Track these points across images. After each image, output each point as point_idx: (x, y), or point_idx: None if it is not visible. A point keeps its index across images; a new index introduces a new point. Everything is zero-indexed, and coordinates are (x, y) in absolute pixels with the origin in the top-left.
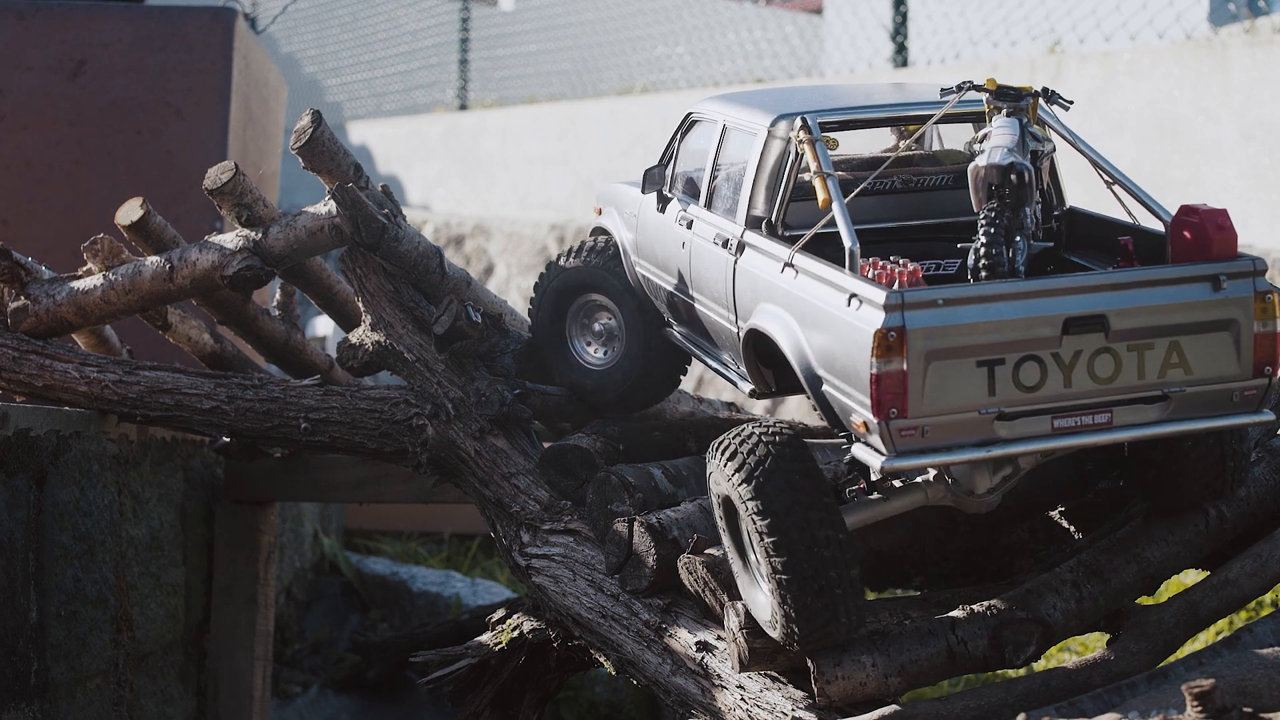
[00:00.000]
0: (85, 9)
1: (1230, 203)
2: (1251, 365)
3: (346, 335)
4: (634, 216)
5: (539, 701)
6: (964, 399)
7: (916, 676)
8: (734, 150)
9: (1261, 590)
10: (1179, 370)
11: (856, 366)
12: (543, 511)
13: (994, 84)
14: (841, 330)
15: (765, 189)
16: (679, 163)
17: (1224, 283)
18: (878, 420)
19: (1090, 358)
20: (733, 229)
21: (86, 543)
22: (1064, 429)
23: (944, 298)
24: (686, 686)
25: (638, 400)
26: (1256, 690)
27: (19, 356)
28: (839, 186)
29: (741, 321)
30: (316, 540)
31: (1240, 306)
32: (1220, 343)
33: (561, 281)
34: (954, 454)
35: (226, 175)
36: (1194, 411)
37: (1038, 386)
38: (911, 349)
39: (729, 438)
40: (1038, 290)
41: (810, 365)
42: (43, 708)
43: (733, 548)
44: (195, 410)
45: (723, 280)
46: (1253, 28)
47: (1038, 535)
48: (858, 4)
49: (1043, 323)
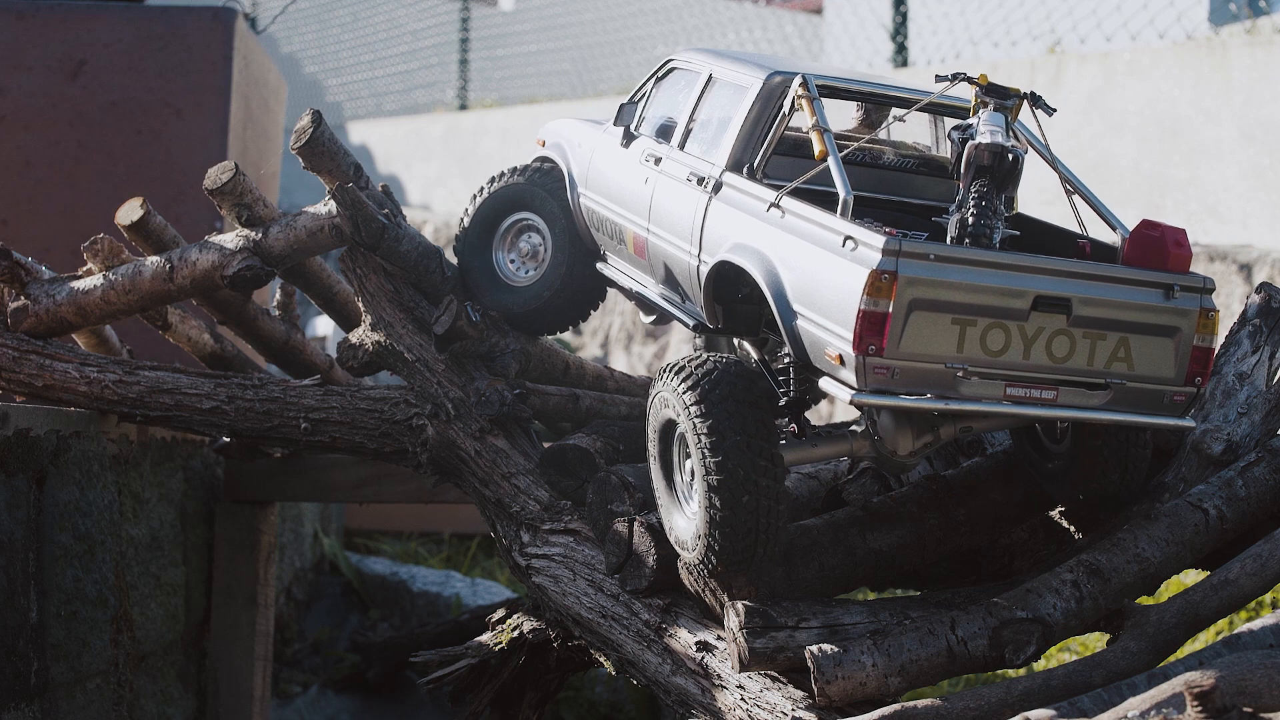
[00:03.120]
0: (85, 9)
1: (1230, 203)
2: (1185, 373)
3: (346, 335)
4: (587, 150)
5: (539, 701)
6: (934, 350)
7: (916, 676)
8: (719, 99)
9: (1261, 590)
10: (1123, 365)
11: (843, 302)
12: (543, 511)
13: (985, 79)
14: (832, 268)
15: (750, 137)
16: (650, 105)
17: (1176, 293)
18: (855, 354)
19: (1050, 336)
20: (710, 169)
21: (86, 543)
22: (1014, 397)
23: (936, 253)
24: (686, 686)
25: (557, 320)
26: (1256, 690)
27: (19, 356)
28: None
29: (706, 256)
30: (316, 540)
31: (1186, 318)
32: (1163, 347)
33: (496, 199)
34: (916, 399)
35: (226, 175)
36: (1128, 405)
37: (1000, 353)
38: (900, 293)
39: (684, 362)
40: (1017, 265)
41: (786, 299)
42: (43, 708)
43: (660, 472)
44: (195, 410)
45: (690, 216)
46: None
47: (1038, 535)
48: (858, 4)
49: (1016, 295)
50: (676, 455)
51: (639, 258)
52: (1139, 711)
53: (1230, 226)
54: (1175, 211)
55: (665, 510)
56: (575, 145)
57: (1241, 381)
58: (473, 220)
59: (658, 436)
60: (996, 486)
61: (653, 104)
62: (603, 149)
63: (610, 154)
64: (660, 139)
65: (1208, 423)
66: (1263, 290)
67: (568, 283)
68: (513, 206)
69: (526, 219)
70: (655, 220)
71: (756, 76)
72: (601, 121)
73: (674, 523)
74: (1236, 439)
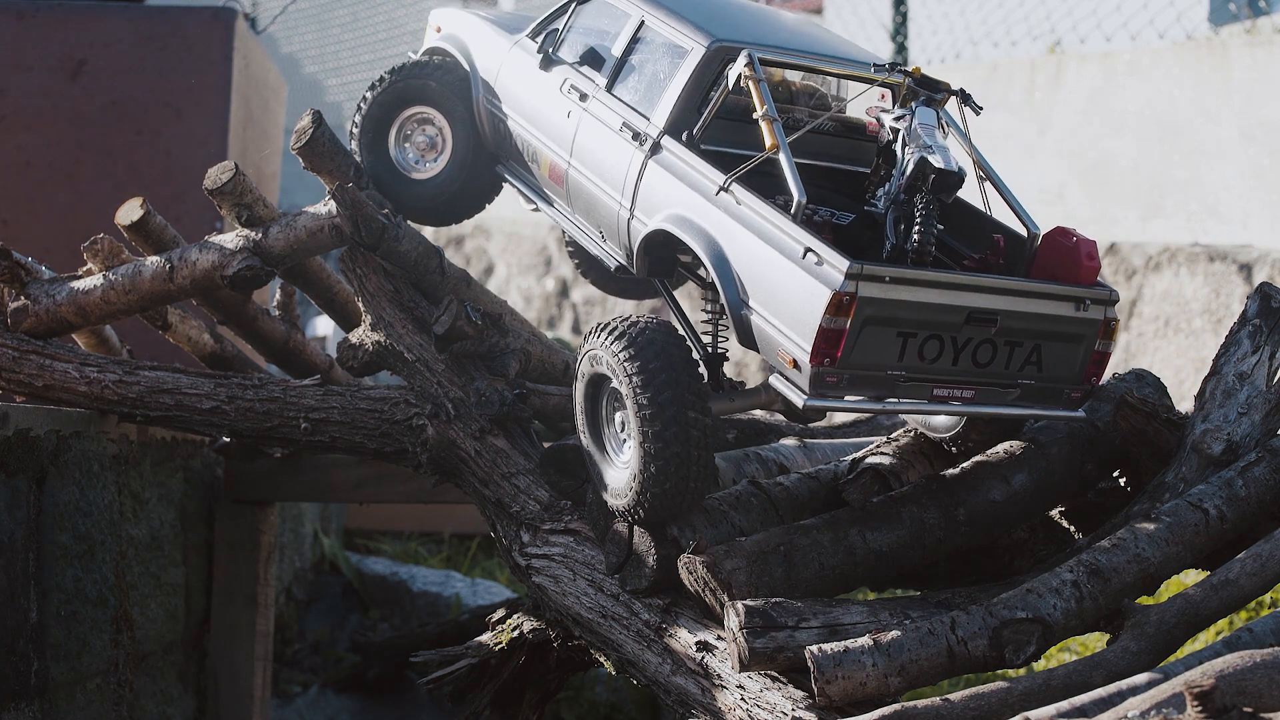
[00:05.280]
0: (85, 9)
1: (1230, 203)
2: (1084, 374)
3: (346, 335)
4: (496, 59)
5: (539, 701)
6: (879, 360)
7: (916, 676)
8: (653, 51)
9: (1261, 590)
10: (1034, 368)
11: (802, 313)
12: (543, 511)
13: (919, 72)
14: (792, 277)
15: (691, 104)
16: (571, 28)
17: (1087, 306)
18: (811, 365)
19: (976, 345)
20: (647, 127)
21: (86, 543)
22: (939, 397)
23: (891, 275)
24: (686, 686)
25: (457, 211)
26: (1256, 690)
27: (19, 356)
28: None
29: (641, 214)
30: (316, 540)
31: (1092, 328)
32: (1070, 352)
33: (392, 93)
34: (857, 401)
35: (226, 175)
36: (1032, 401)
37: (933, 361)
38: (857, 313)
39: (615, 322)
40: (957, 283)
41: (734, 286)
42: (43, 708)
43: (587, 426)
44: (195, 410)
45: (623, 168)
46: (1253, 28)
47: (1038, 535)
48: (858, 4)
49: (954, 311)
50: (604, 409)
51: (554, 183)
52: (1139, 711)
53: (1230, 226)
54: (1175, 212)
55: (593, 462)
56: (480, 48)
57: (1241, 381)
58: (368, 114)
59: (586, 392)
60: (996, 486)
61: (574, 28)
62: (516, 63)
63: (526, 72)
64: (582, 69)
65: (1208, 423)
66: (1262, 290)
67: (470, 176)
68: (408, 102)
69: (423, 112)
70: (579, 157)
71: (699, 43)
72: (506, 26)
73: (604, 473)
74: (1236, 439)
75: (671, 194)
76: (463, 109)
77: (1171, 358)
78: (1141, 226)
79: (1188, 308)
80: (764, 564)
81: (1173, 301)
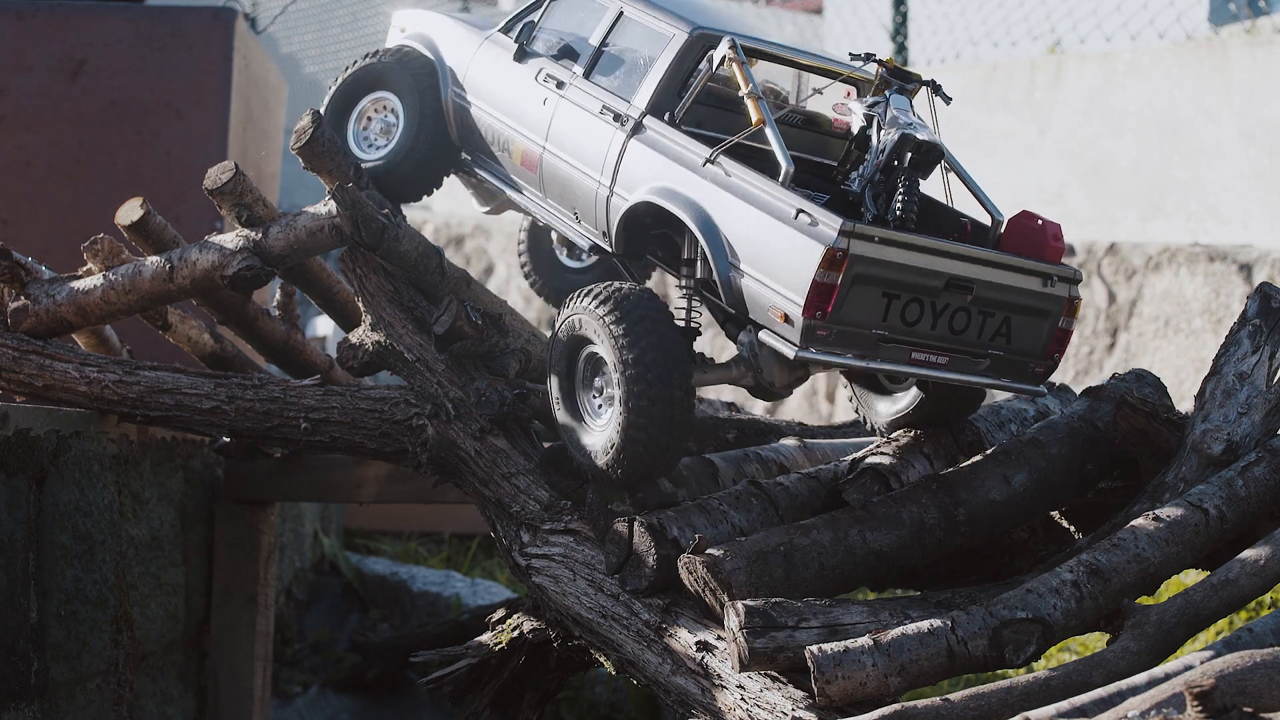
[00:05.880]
0: (85, 9)
1: (1230, 203)
2: (1048, 350)
3: (346, 335)
4: (466, 53)
5: (539, 701)
6: (864, 318)
7: (916, 676)
8: (634, 39)
9: (1261, 590)
10: (1003, 339)
11: (796, 269)
12: (543, 511)
13: (893, 62)
14: (785, 237)
15: (672, 87)
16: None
17: (1054, 283)
18: (804, 318)
19: (953, 312)
20: (628, 109)
21: (86, 543)
22: (915, 360)
23: (880, 236)
24: (686, 686)
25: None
26: (1256, 690)
27: (19, 356)
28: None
29: (622, 190)
30: (316, 540)
31: (1057, 303)
32: (1036, 326)
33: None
34: (842, 358)
35: (226, 175)
36: (1000, 373)
37: (913, 324)
38: (849, 268)
39: (598, 288)
40: (938, 249)
41: (723, 250)
42: (43, 708)
43: (561, 389)
44: (195, 410)
45: (603, 148)
46: (1253, 28)
47: (1038, 535)
48: (858, 4)
49: (935, 276)
50: (581, 373)
51: (526, 169)
52: (1139, 711)
53: (1230, 226)
54: (1175, 212)
55: (567, 425)
56: (448, 44)
57: (1241, 381)
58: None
59: (565, 355)
60: (996, 486)
61: (548, 23)
62: (488, 57)
63: (499, 64)
64: (558, 60)
65: (1208, 423)
66: (1262, 290)
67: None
68: (370, 87)
69: (383, 98)
70: (555, 141)
71: (681, 29)
72: (473, 24)
73: (578, 436)
74: (1236, 439)
75: (655, 169)
76: (418, 98)
77: (1171, 358)
78: (1141, 226)
79: (1188, 308)
80: (764, 564)
81: (1173, 301)
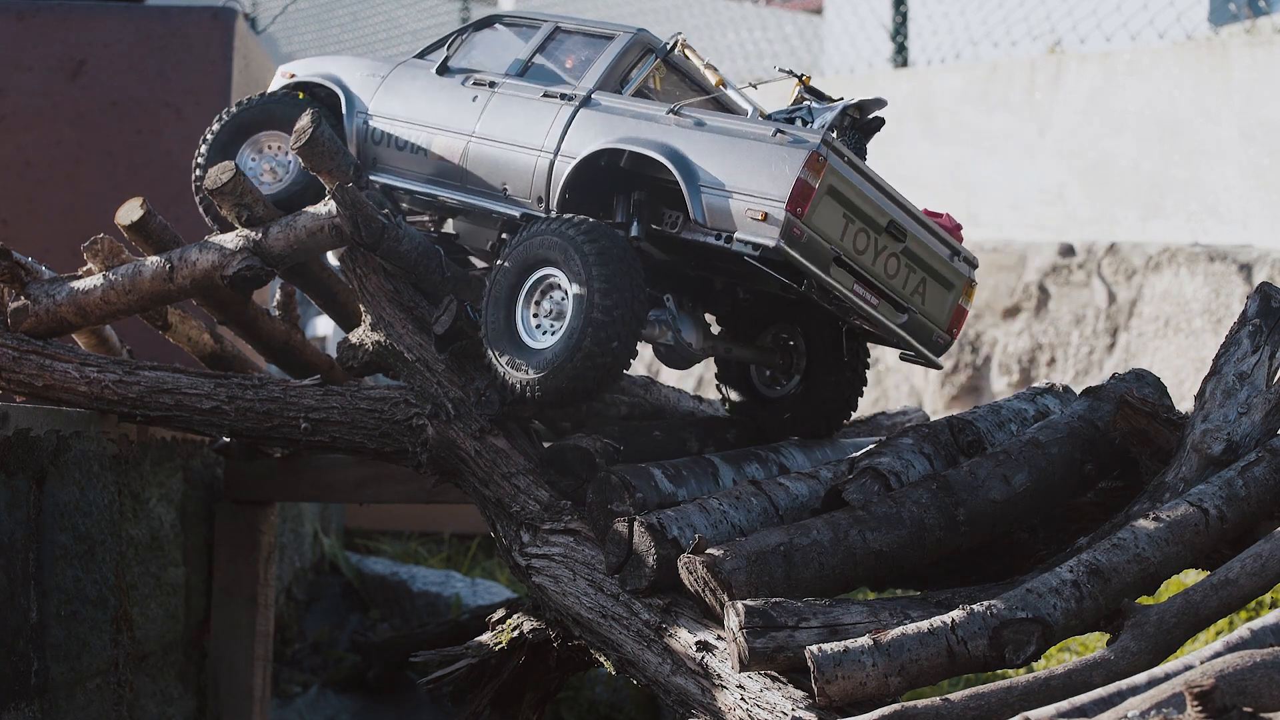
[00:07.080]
0: (85, 9)
1: (1230, 203)
2: (949, 324)
3: (346, 335)
4: (376, 79)
5: (539, 701)
6: (828, 230)
7: (916, 676)
8: (573, 46)
9: (1261, 590)
10: (919, 299)
11: (778, 175)
12: (543, 511)
13: (808, 80)
14: (765, 153)
15: (615, 76)
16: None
17: (958, 260)
18: (786, 212)
19: (889, 256)
20: (574, 89)
21: (86, 543)
22: (857, 293)
23: (848, 157)
24: (686, 686)
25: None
26: (1256, 690)
27: (19, 356)
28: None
29: (567, 153)
30: (316, 540)
31: (960, 280)
32: (944, 296)
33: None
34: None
35: (226, 175)
36: (913, 332)
37: (860, 253)
38: (825, 174)
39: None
40: (885, 188)
41: (698, 179)
42: (43, 708)
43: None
44: (195, 410)
45: (545, 124)
46: (1253, 28)
47: (1038, 535)
48: (858, 4)
49: (881, 213)
50: (526, 295)
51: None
52: (1139, 711)
53: (1230, 226)
54: (1175, 212)
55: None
56: (354, 75)
57: (1241, 381)
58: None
59: (518, 271)
60: (996, 486)
61: (471, 48)
62: (404, 77)
63: (417, 80)
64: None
65: (1208, 423)
66: (1262, 290)
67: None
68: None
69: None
70: (483, 131)
71: (626, 31)
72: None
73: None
74: (1236, 439)
75: (609, 126)
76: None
77: (1171, 358)
78: (1141, 226)
79: (1188, 308)
80: (764, 564)
81: (1173, 301)
